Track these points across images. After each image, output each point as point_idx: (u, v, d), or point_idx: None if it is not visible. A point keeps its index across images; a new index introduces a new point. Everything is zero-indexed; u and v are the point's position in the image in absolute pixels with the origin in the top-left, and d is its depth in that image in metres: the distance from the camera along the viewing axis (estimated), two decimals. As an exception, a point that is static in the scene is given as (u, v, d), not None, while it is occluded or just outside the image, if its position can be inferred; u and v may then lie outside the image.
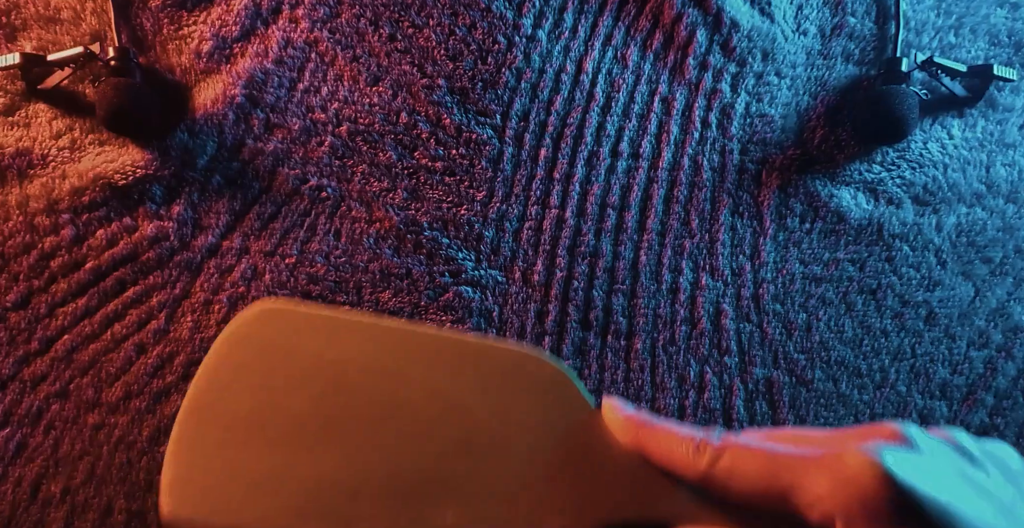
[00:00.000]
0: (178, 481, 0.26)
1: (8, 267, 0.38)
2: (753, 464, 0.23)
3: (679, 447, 0.25)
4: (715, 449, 0.24)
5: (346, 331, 0.29)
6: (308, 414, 0.27)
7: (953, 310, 0.42)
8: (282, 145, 0.40)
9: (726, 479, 0.24)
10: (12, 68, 0.38)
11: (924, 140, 0.43)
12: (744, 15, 0.42)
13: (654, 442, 0.26)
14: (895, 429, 0.23)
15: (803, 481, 0.22)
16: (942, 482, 0.22)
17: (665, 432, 0.26)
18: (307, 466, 0.27)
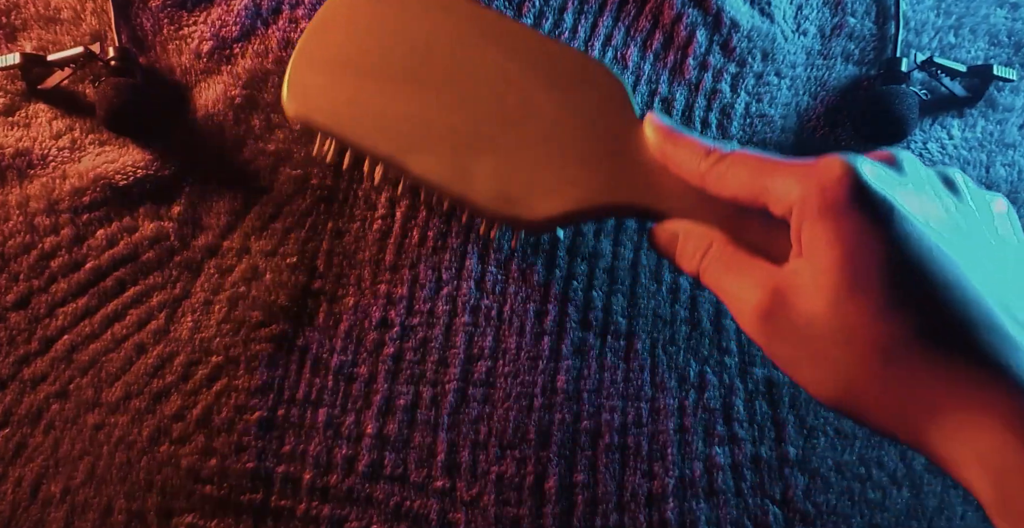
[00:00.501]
0: (299, 85, 0.33)
1: (8, 267, 0.38)
2: (743, 169, 0.26)
3: (694, 153, 0.28)
4: (720, 156, 0.27)
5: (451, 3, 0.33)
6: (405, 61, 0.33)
7: (953, 310, 0.42)
8: (283, 145, 0.40)
9: (718, 180, 0.27)
10: (12, 68, 0.38)
11: (924, 140, 0.43)
12: (744, 15, 0.42)
13: (674, 146, 0.29)
14: (891, 153, 0.25)
15: (778, 181, 0.24)
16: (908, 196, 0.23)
17: (687, 141, 0.29)
18: (396, 101, 0.32)
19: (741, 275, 0.26)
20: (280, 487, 0.37)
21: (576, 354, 0.39)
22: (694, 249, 0.29)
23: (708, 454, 0.39)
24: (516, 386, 0.39)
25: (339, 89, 0.32)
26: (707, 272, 0.28)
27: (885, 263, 0.22)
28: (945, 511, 0.41)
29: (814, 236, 0.23)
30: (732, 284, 0.26)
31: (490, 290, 0.39)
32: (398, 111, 0.32)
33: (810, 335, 0.23)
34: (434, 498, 0.38)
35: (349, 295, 0.39)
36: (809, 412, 0.41)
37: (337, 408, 0.38)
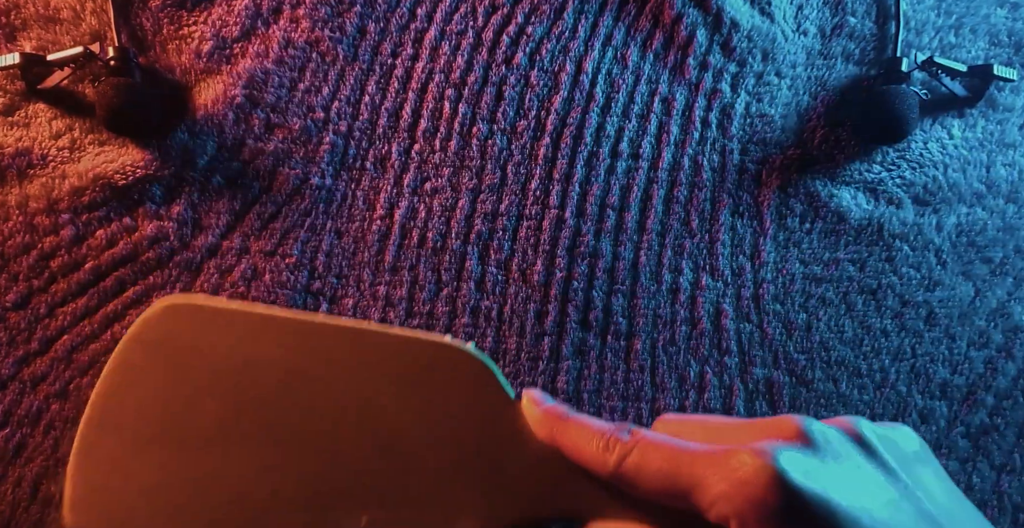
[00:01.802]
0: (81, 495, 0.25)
1: (8, 267, 0.38)
2: (657, 461, 0.23)
3: (590, 443, 0.25)
4: (623, 445, 0.24)
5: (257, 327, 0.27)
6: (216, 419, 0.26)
7: (953, 310, 0.42)
8: (283, 145, 0.40)
9: (633, 476, 0.24)
10: (12, 68, 0.38)
11: (924, 140, 0.43)
12: (744, 15, 0.42)
13: (567, 437, 0.26)
14: (797, 426, 0.23)
15: (702, 480, 0.22)
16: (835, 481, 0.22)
17: (578, 427, 0.26)
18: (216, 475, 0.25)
19: None
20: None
21: (576, 355, 0.39)
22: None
23: (708, 454, 0.39)
24: (516, 387, 0.39)
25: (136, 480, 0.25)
26: None
27: None
28: (945, 511, 0.41)
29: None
30: None
31: (490, 291, 0.39)
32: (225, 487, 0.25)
33: None
34: (434, 498, 0.37)
35: (348, 296, 0.39)
36: (809, 412, 0.41)
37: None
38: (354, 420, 0.27)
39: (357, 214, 0.40)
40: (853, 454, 0.23)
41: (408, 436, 0.27)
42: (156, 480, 0.25)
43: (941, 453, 0.41)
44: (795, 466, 0.21)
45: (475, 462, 0.26)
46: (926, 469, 0.24)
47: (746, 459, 0.21)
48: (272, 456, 0.26)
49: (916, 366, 0.42)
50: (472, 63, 0.41)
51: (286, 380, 0.27)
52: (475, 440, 0.27)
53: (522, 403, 0.27)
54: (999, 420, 0.42)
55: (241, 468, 0.26)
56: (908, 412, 0.42)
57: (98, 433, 0.26)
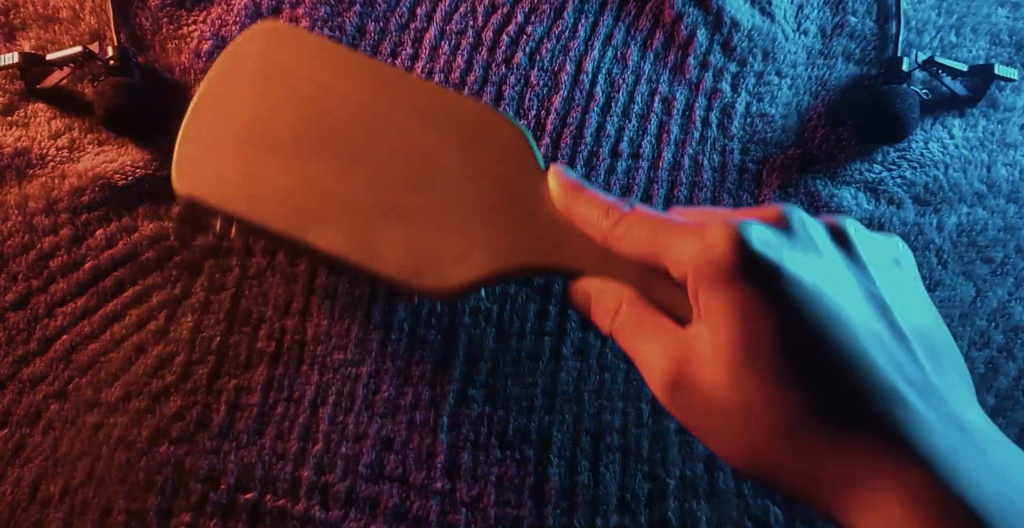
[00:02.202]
0: (188, 162, 0.31)
1: (7, 267, 0.38)
2: (644, 229, 0.26)
3: (595, 210, 0.28)
4: (620, 215, 0.27)
5: (342, 61, 0.32)
6: (299, 129, 0.31)
7: (954, 310, 0.42)
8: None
9: (620, 239, 0.27)
10: (11, 67, 0.38)
11: (925, 140, 0.43)
12: (744, 15, 0.42)
13: (578, 204, 0.29)
14: (779, 210, 0.25)
15: (675, 244, 0.24)
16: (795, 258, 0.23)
17: (589, 197, 0.29)
18: (292, 173, 0.30)
19: (648, 338, 0.26)
20: (280, 487, 0.37)
21: (577, 355, 0.39)
22: (605, 309, 0.28)
23: (709, 454, 0.39)
24: (516, 387, 0.39)
25: (231, 163, 0.31)
26: (618, 333, 0.27)
27: (776, 335, 0.22)
28: (946, 511, 0.41)
29: (709, 305, 0.23)
30: (640, 348, 0.26)
31: (490, 291, 0.39)
32: (294, 183, 0.30)
33: (714, 407, 0.23)
34: (434, 499, 0.37)
35: (350, 294, 0.39)
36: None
37: (338, 408, 0.38)
38: (408, 154, 0.31)
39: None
40: (825, 244, 0.24)
41: (449, 176, 0.31)
42: (248, 166, 0.31)
43: (942, 453, 0.41)
44: (760, 236, 0.23)
45: (500, 211, 0.31)
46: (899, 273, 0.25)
47: (716, 227, 0.23)
48: (333, 167, 0.31)
49: (917, 366, 0.42)
50: (472, 63, 0.41)
51: (356, 110, 0.31)
52: (504, 194, 0.31)
53: (548, 173, 0.31)
54: (999, 420, 0.42)
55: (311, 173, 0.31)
56: (909, 412, 0.42)
57: (204, 118, 0.31)
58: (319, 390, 0.38)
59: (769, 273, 0.22)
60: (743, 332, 0.22)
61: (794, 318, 0.22)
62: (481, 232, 0.31)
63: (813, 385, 0.21)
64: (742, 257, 0.22)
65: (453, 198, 0.31)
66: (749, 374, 0.22)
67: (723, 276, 0.22)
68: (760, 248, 0.22)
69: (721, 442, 0.23)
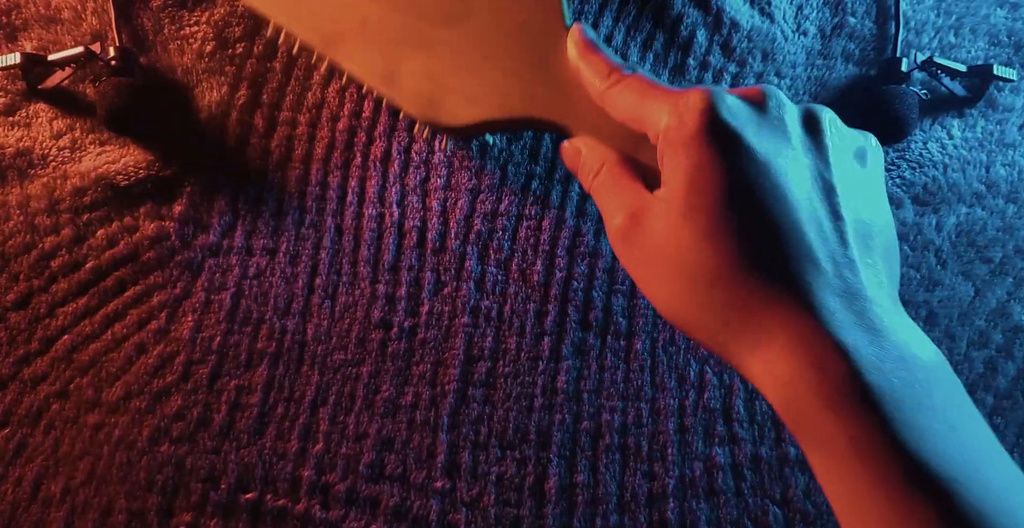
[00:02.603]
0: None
1: (8, 267, 0.38)
2: (632, 93, 0.27)
3: (597, 72, 0.29)
4: (617, 78, 0.29)
5: None
6: None
7: (953, 310, 0.42)
8: (284, 143, 0.40)
9: (612, 102, 0.28)
10: (13, 68, 0.38)
11: (924, 140, 0.43)
12: (744, 15, 0.42)
13: (587, 61, 0.30)
14: (761, 88, 0.26)
15: (654, 109, 0.26)
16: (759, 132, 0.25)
17: (597, 59, 0.30)
18: None
19: (616, 196, 0.28)
20: (280, 487, 0.37)
21: (576, 354, 0.39)
22: (590, 167, 0.30)
23: (708, 454, 0.39)
24: (516, 387, 0.39)
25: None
26: (595, 190, 0.30)
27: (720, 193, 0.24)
28: (945, 511, 0.41)
29: (670, 164, 0.25)
30: (607, 204, 0.28)
31: (490, 290, 0.39)
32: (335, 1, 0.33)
33: (655, 256, 0.25)
34: (434, 499, 0.37)
35: (349, 294, 0.39)
36: (809, 412, 0.41)
37: (338, 408, 0.38)
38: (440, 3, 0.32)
39: (357, 212, 0.40)
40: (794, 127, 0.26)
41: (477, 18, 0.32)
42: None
43: (941, 453, 0.41)
44: (730, 107, 0.24)
45: (517, 59, 0.32)
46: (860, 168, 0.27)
47: (692, 94, 0.25)
48: None
49: (916, 366, 0.42)
50: (472, 63, 0.41)
51: None
52: (524, 43, 0.32)
53: (570, 30, 0.32)
54: (999, 420, 0.42)
55: None
56: (908, 412, 0.42)
57: None
58: (319, 390, 0.38)
59: (728, 139, 0.24)
60: (690, 188, 0.24)
61: (740, 181, 0.24)
62: (496, 76, 0.32)
63: (742, 241, 0.24)
64: (708, 122, 0.24)
65: (476, 39, 0.32)
66: (689, 227, 0.24)
67: (687, 138, 0.24)
68: (726, 116, 0.24)
69: (656, 289, 0.26)
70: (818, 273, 0.23)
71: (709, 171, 0.24)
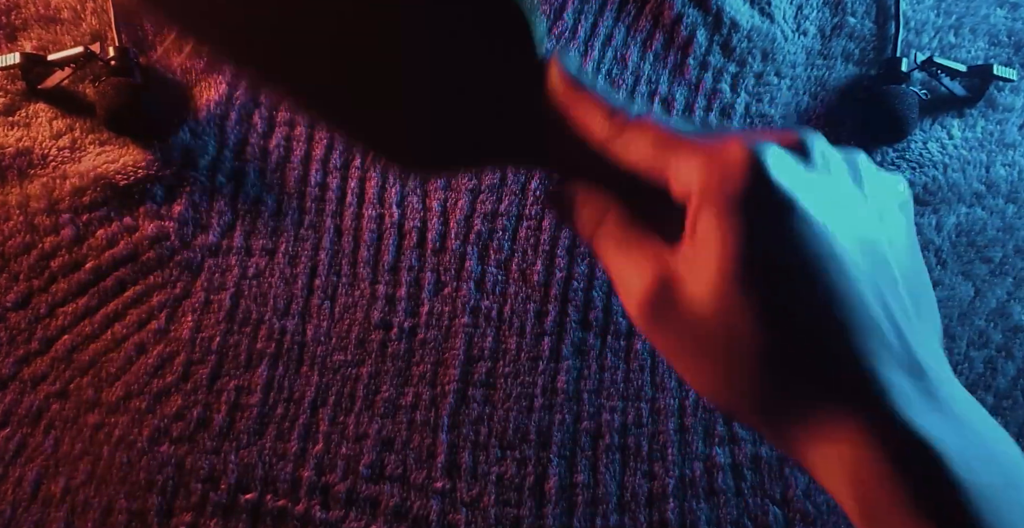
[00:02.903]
0: None
1: (8, 267, 0.38)
2: (648, 141, 0.24)
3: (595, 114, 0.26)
4: (625, 120, 0.25)
5: None
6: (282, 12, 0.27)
7: (953, 310, 0.42)
8: (284, 143, 0.40)
9: (621, 148, 0.25)
10: (13, 68, 0.38)
11: (924, 140, 0.43)
12: (744, 15, 0.42)
13: (577, 100, 0.27)
14: (799, 136, 0.23)
15: (684, 158, 0.23)
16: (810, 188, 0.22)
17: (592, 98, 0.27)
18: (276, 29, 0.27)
19: (631, 254, 0.25)
20: (280, 487, 0.37)
21: (576, 354, 0.39)
22: (589, 217, 0.27)
23: (708, 454, 0.39)
24: (516, 387, 0.39)
25: None
26: (599, 244, 0.26)
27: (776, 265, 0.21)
28: (945, 511, 0.41)
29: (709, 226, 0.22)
30: (621, 262, 0.25)
31: (490, 291, 0.39)
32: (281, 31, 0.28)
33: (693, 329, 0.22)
34: (434, 499, 0.37)
35: (349, 295, 0.39)
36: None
37: (338, 408, 0.38)
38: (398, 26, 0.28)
39: (357, 213, 0.40)
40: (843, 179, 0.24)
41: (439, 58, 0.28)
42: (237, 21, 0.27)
43: (941, 453, 0.41)
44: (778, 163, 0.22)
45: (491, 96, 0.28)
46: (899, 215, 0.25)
47: (733, 146, 0.21)
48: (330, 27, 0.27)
49: (916, 366, 0.42)
50: (472, 63, 0.41)
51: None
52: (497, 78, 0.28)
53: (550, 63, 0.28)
54: (999, 420, 0.42)
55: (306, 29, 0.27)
56: (908, 412, 0.42)
57: None
58: (319, 391, 0.38)
59: (782, 205, 0.21)
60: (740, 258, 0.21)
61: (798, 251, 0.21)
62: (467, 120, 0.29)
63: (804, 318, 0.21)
64: (757, 184, 0.21)
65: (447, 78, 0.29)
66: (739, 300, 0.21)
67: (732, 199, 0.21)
68: (777, 177, 0.21)
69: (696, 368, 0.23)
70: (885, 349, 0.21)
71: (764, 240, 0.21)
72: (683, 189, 0.23)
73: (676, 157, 0.23)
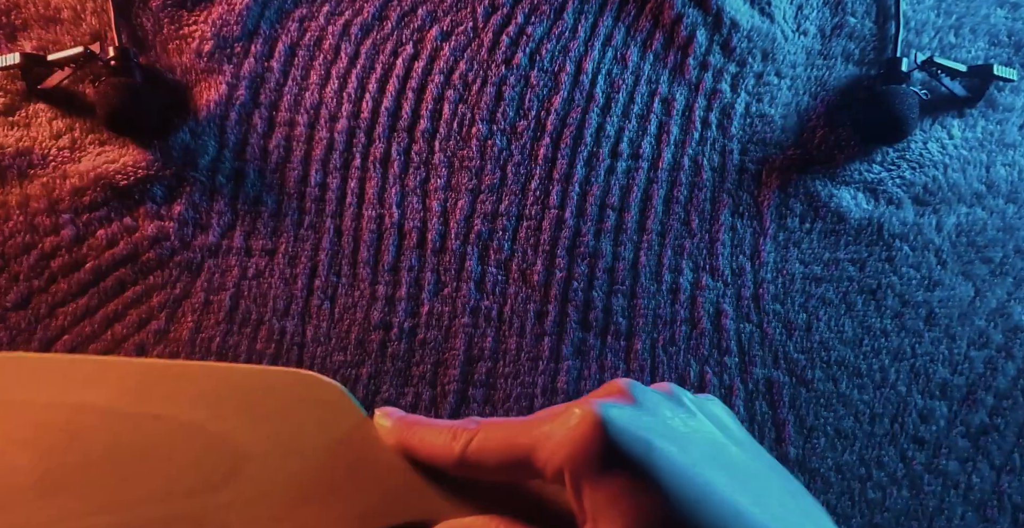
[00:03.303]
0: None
1: (8, 267, 0.38)
2: (498, 436, 0.25)
3: (438, 437, 0.26)
4: (468, 432, 0.26)
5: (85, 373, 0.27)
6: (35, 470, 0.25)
7: (953, 310, 0.42)
8: (284, 144, 0.40)
9: (477, 457, 0.25)
10: (12, 68, 0.38)
11: (924, 140, 0.43)
12: (744, 15, 0.42)
13: (417, 438, 0.27)
14: (622, 387, 0.25)
15: (538, 440, 0.23)
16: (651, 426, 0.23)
17: (427, 427, 0.27)
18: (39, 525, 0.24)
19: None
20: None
21: (576, 355, 0.39)
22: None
23: (708, 454, 0.39)
24: (516, 387, 0.39)
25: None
26: None
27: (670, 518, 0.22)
28: (945, 511, 0.41)
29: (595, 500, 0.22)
30: None
31: (490, 291, 0.39)
32: None
33: None
34: (434, 498, 0.38)
35: (349, 296, 0.39)
36: (809, 412, 0.41)
37: (337, 408, 0.38)
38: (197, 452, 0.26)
39: (357, 214, 0.40)
40: (668, 407, 0.25)
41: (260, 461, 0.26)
42: None
43: (941, 453, 0.41)
44: (619, 413, 0.23)
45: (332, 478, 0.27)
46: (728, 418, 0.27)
47: (575, 411, 0.23)
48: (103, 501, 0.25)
49: (916, 366, 0.42)
50: (472, 63, 0.41)
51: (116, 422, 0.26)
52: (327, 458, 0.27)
53: (375, 418, 0.28)
54: (999, 420, 0.42)
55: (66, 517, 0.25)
56: (908, 412, 0.42)
57: None
58: (319, 390, 0.38)
59: (641, 457, 0.22)
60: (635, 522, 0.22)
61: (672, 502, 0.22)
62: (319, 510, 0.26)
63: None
64: (611, 441, 0.22)
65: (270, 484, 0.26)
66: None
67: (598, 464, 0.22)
68: (626, 426, 0.23)
69: None
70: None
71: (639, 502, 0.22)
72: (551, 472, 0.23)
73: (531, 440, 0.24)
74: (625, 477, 0.22)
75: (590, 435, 0.22)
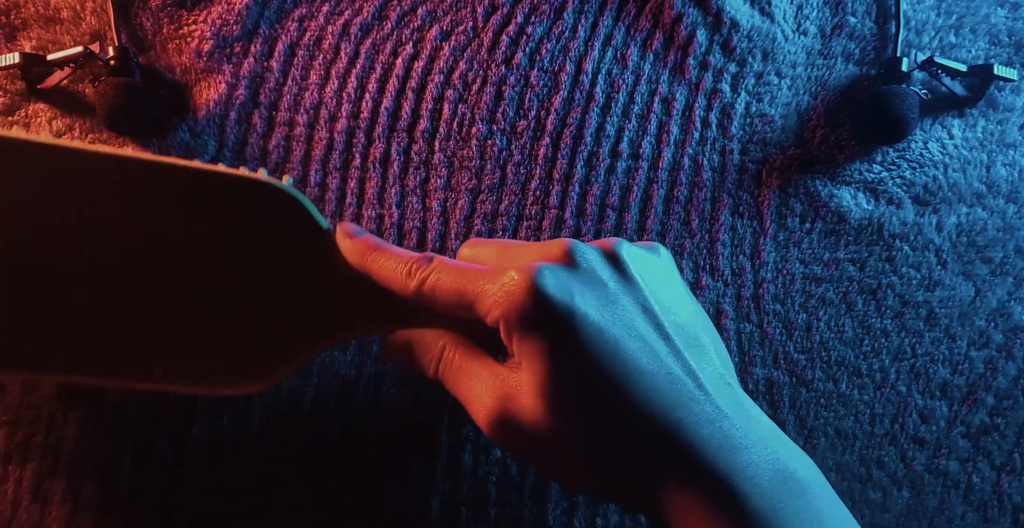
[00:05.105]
0: None
1: (8, 267, 0.38)
2: (449, 281, 0.27)
3: (396, 268, 0.28)
4: (424, 270, 0.28)
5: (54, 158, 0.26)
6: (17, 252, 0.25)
7: (953, 310, 0.42)
8: (284, 143, 0.40)
9: (430, 295, 0.28)
10: (12, 68, 0.38)
11: (924, 140, 0.43)
12: (744, 15, 0.42)
13: (376, 264, 0.29)
14: (564, 248, 0.27)
15: (482, 293, 0.26)
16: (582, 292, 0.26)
17: (387, 255, 0.29)
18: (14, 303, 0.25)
19: (472, 379, 0.28)
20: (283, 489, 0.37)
21: (576, 354, 0.39)
22: (428, 356, 0.30)
23: (708, 454, 0.39)
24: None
25: None
26: (444, 379, 0.29)
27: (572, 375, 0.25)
28: (945, 511, 0.41)
29: (520, 350, 0.25)
30: (464, 388, 0.28)
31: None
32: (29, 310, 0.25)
33: (532, 437, 0.26)
34: (434, 499, 0.38)
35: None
36: (809, 412, 0.41)
37: (339, 409, 0.38)
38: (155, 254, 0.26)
39: (357, 214, 0.40)
40: (605, 272, 0.27)
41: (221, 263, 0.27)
42: None
43: (941, 453, 0.41)
44: (551, 280, 0.26)
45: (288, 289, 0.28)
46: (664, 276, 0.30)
47: (513, 274, 0.26)
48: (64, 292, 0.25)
49: (916, 366, 0.42)
50: (472, 63, 0.41)
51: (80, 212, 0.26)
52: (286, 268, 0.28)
53: (336, 234, 0.30)
54: (999, 420, 0.42)
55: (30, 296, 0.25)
56: (908, 412, 0.42)
57: None
58: (319, 392, 0.38)
59: (564, 318, 0.25)
60: (546, 374, 0.25)
61: (585, 359, 0.25)
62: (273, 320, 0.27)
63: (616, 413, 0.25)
64: (539, 304, 0.25)
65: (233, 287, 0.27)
66: (555, 410, 0.25)
67: (526, 324, 0.25)
68: (554, 293, 0.25)
69: (544, 467, 0.27)
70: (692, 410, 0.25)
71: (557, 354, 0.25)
72: (491, 319, 0.26)
73: (476, 291, 0.26)
74: (546, 337, 0.25)
75: (520, 298, 0.25)
